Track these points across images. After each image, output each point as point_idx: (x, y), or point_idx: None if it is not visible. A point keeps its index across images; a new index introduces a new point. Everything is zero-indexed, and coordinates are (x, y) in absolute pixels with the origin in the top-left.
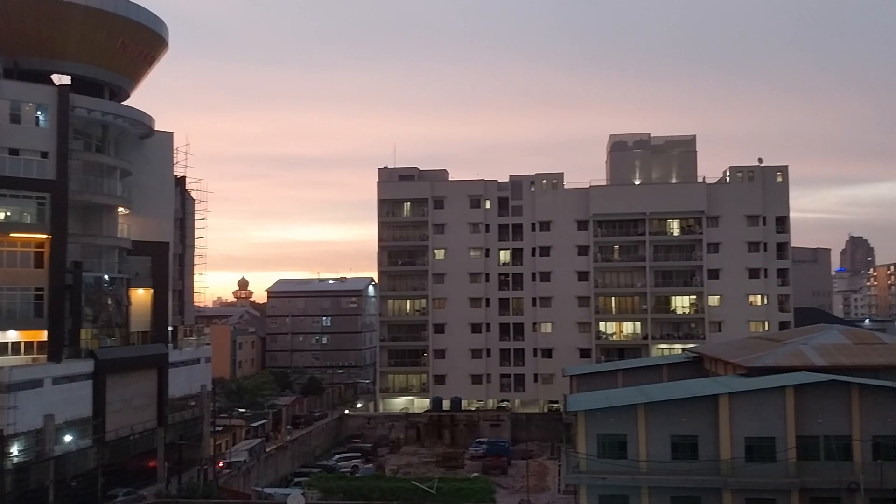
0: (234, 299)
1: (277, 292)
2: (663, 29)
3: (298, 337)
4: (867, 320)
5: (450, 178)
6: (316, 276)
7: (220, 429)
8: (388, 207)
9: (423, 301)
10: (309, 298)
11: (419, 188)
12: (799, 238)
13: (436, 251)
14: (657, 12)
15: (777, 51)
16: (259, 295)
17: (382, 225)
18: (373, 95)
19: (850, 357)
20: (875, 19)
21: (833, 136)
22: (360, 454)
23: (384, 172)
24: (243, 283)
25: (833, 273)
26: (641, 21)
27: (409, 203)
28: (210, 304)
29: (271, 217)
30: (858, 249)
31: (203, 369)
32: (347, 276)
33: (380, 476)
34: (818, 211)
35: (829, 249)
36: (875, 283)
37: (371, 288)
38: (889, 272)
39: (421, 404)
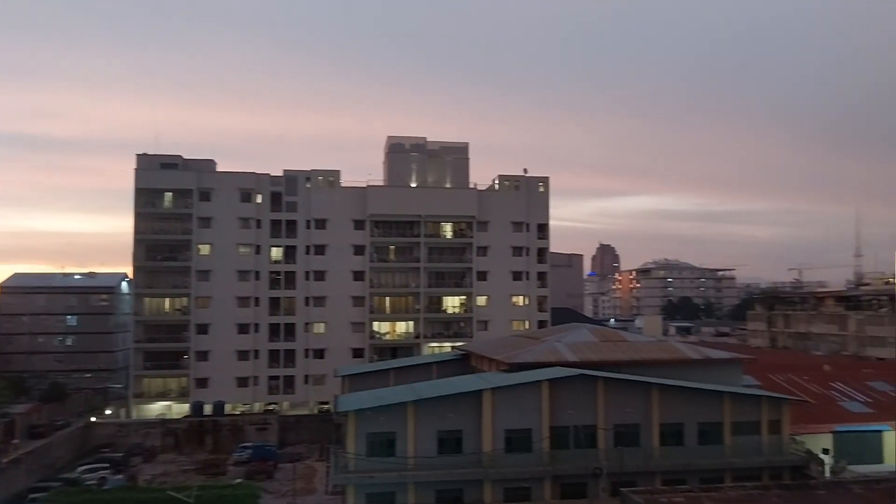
0: None
1: (13, 287)
2: (439, 39)
3: (38, 338)
4: (612, 320)
5: (218, 170)
6: (60, 271)
7: None
8: (146, 197)
9: (185, 299)
10: (51, 295)
11: (183, 178)
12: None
13: (200, 246)
14: (434, 22)
15: (543, 69)
16: None
17: (140, 216)
18: (134, 78)
19: (596, 353)
20: (630, 47)
21: (588, 153)
22: (109, 465)
23: (143, 159)
24: None
25: (585, 277)
26: (419, 30)
27: (171, 194)
28: None
29: (8, 203)
30: (607, 256)
31: None
32: (98, 271)
33: (131, 487)
34: (573, 220)
35: (582, 255)
36: (619, 286)
37: (125, 284)
38: (631, 277)
39: (180, 409)
